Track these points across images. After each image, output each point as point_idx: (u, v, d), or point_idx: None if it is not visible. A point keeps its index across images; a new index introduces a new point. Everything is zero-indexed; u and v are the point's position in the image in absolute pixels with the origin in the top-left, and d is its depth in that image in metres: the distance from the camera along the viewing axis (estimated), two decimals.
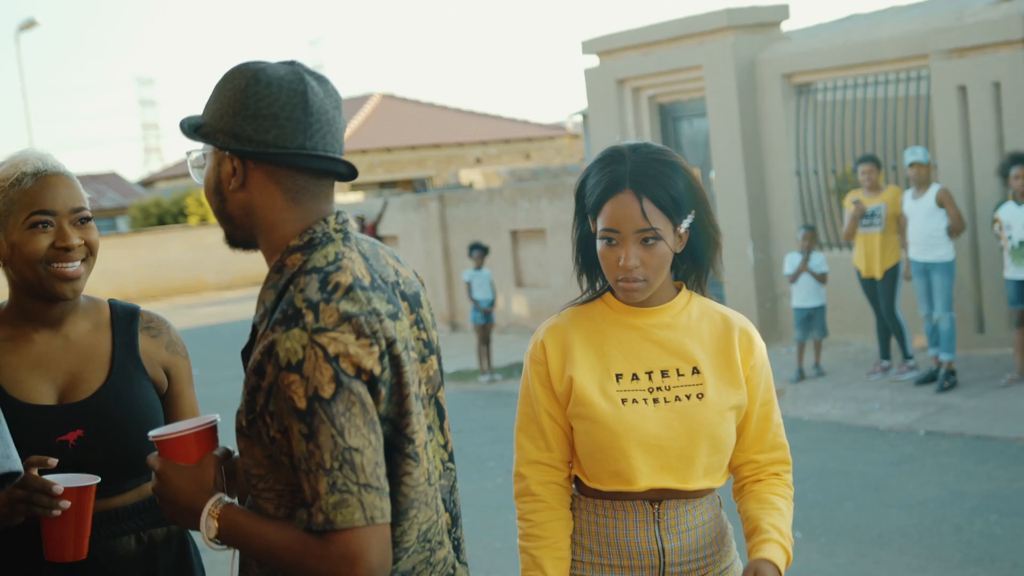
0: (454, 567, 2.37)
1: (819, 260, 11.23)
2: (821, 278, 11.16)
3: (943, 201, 10.03)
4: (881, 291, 10.57)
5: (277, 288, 2.20)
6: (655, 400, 2.59)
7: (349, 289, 2.14)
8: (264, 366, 2.09)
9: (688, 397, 2.60)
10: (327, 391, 2.06)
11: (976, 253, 11.13)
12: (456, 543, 2.39)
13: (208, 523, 2.20)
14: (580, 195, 2.67)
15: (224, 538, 2.20)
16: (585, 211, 2.67)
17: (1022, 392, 9.53)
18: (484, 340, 13.99)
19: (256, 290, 31.76)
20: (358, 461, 2.07)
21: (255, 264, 28.65)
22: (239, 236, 2.30)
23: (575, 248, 2.73)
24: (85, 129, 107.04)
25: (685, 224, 2.59)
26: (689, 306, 2.68)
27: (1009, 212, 9.67)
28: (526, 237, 17.58)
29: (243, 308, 26.16)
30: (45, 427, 2.65)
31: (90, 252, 2.73)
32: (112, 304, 2.85)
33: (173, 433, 2.31)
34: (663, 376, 2.62)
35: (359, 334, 2.11)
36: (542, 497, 2.67)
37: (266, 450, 2.15)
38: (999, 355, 10.84)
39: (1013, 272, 9.70)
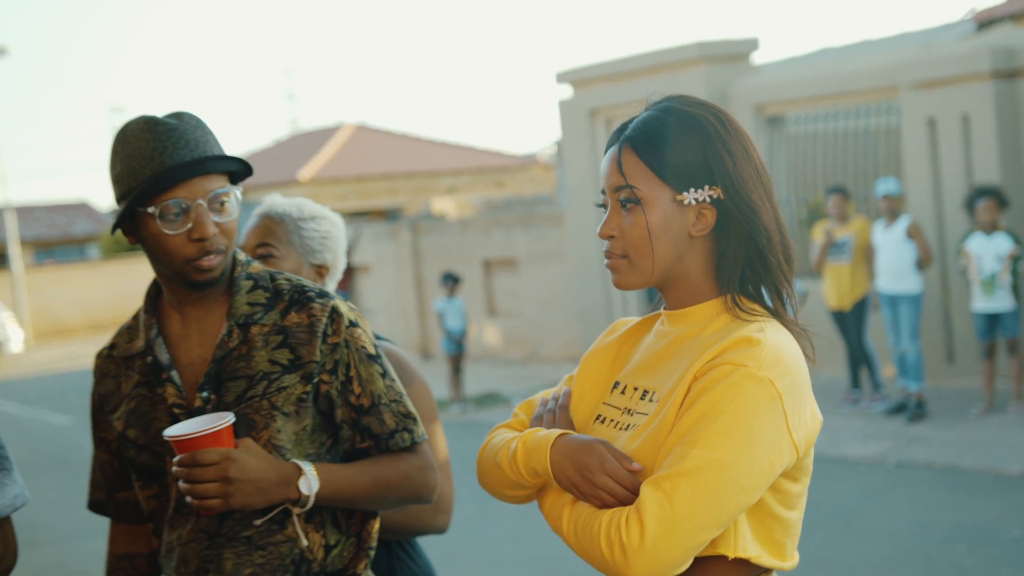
0: None
1: (798, 287, 11.22)
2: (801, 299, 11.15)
3: (913, 233, 10.08)
4: (850, 322, 10.60)
5: (267, 288, 2.47)
6: (626, 427, 2.03)
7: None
8: (329, 328, 2.42)
9: (629, 427, 2.04)
10: (374, 342, 2.51)
11: (946, 284, 11.19)
12: None
13: (312, 481, 2.34)
14: None
15: (325, 490, 2.36)
16: None
17: (991, 423, 9.58)
18: (456, 369, 13.96)
19: None
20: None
21: None
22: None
23: None
24: (57, 157, 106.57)
25: (698, 196, 1.99)
26: (713, 321, 2.04)
27: (979, 244, 9.73)
28: (499, 266, 17.59)
29: None
30: None
31: None
32: None
33: (208, 430, 2.29)
34: (641, 397, 2.04)
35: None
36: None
37: (301, 422, 2.40)
38: (968, 386, 10.88)
39: (982, 305, 9.75)
